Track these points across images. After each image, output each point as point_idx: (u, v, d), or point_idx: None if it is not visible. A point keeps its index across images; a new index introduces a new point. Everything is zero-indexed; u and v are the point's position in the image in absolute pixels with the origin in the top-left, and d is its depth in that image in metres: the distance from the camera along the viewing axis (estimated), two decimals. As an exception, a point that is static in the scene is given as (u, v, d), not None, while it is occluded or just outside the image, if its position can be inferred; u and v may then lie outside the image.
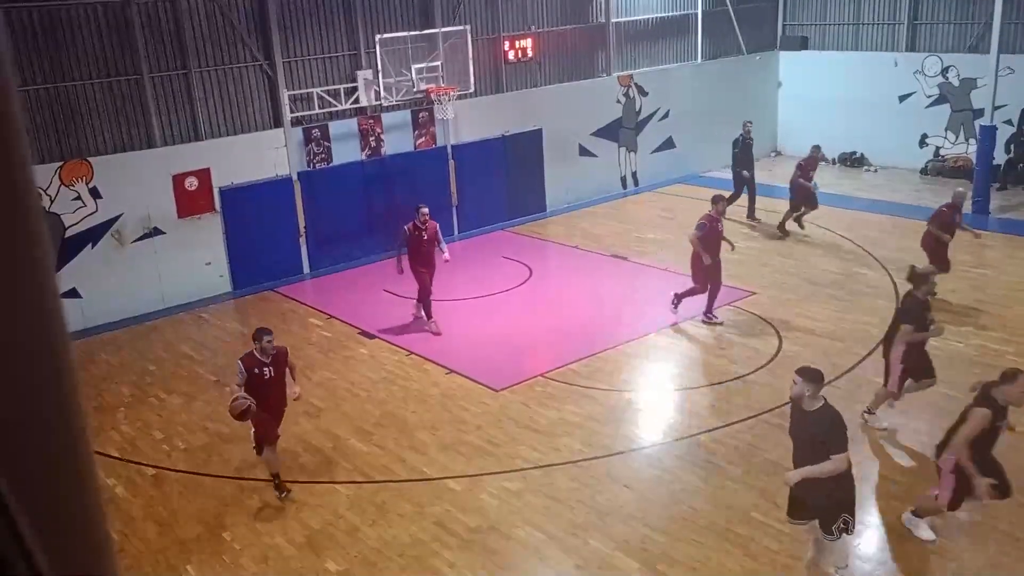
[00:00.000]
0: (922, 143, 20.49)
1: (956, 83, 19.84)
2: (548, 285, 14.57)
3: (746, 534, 7.54)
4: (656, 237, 16.67)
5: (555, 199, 18.95)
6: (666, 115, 20.71)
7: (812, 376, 6.33)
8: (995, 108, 17.00)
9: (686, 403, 10.22)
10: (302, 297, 14.61)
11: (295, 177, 15.42)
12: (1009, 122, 18.47)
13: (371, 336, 12.62)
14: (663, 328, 12.22)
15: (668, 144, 20.95)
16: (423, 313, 12.65)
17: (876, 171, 20.81)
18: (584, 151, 19.41)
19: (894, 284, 13.22)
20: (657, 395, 10.60)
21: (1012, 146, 18.61)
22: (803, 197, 15.90)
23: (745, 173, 16.97)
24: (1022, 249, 15.00)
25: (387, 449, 9.43)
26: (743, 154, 17.04)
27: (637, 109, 20.22)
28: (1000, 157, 18.24)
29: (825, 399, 6.40)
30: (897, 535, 7.49)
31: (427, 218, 12.23)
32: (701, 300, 12.35)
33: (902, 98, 20.65)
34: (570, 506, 8.18)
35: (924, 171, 20.22)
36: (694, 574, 7.13)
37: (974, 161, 17.90)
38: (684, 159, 21.11)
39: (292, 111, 15.24)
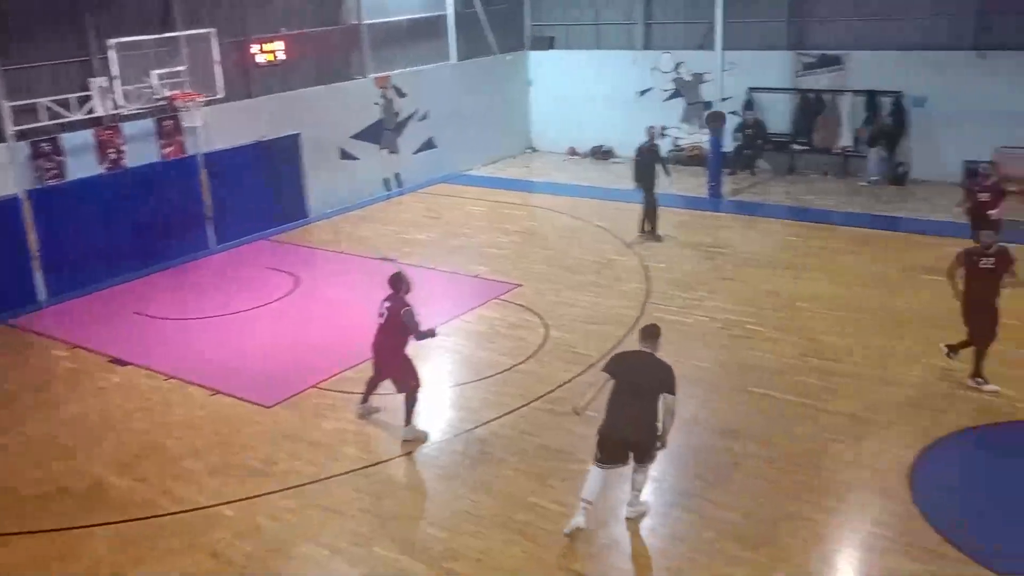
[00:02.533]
0: (662, 134, 22.03)
1: (688, 78, 21.52)
2: (316, 293, 14.21)
3: (525, 519, 7.77)
4: (422, 237, 16.76)
5: (317, 204, 18.55)
6: (425, 116, 20.86)
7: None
8: (722, 100, 18.70)
9: (460, 399, 10.36)
10: (40, 328, 13.27)
11: (23, 196, 13.99)
12: (735, 112, 20.27)
13: (123, 363, 11.72)
14: (431, 326, 12.27)
15: (429, 144, 21.13)
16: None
17: (623, 162, 22.14)
18: (345, 154, 19.14)
19: (644, 268, 14.15)
20: (432, 393, 10.63)
21: (740, 135, 20.44)
22: None
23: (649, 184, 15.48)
24: (752, 227, 16.57)
25: (149, 482, 8.79)
26: (646, 164, 15.52)
27: (396, 111, 20.21)
28: (729, 145, 19.98)
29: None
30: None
31: None
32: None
33: (642, 93, 22.12)
34: (352, 516, 8.05)
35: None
36: (478, 566, 7.24)
37: (707, 149, 19.51)
38: (446, 158, 21.39)
39: (15, 124, 13.80)
